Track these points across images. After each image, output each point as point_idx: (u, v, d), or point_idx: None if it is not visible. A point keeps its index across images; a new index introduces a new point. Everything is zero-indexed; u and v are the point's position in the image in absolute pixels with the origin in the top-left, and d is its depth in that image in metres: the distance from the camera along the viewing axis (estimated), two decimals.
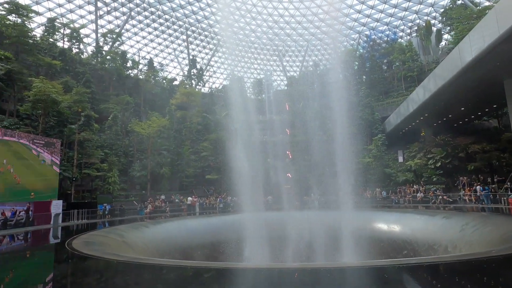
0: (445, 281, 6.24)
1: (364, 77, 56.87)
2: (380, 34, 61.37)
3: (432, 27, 49.52)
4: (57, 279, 8.20)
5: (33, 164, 23.16)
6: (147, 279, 7.19)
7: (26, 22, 37.80)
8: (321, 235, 18.42)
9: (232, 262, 13.45)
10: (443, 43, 51.23)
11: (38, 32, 44.82)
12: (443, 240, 14.94)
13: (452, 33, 45.27)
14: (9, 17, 36.77)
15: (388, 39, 60.21)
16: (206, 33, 65.73)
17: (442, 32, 49.95)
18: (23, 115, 30.87)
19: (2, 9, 37.98)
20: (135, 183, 36.84)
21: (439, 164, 31.99)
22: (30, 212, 22.35)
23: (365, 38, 62.11)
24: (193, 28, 64.42)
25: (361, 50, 61.67)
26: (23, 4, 39.55)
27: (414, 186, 31.94)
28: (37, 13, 46.09)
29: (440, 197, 25.73)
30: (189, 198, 29.71)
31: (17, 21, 36.50)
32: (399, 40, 58.95)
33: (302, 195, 37.58)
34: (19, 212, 21.67)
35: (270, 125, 58.44)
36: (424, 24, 50.93)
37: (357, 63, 58.32)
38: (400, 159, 39.72)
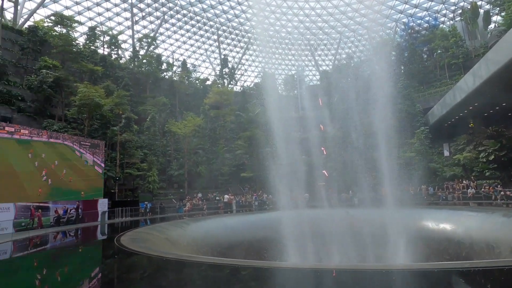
0: None
1: (402, 67, 53.92)
2: (419, 21, 57.72)
3: (479, 9, 45.60)
4: (107, 273, 8.42)
5: (77, 165, 24.53)
6: (189, 275, 7.16)
7: (70, 32, 40.25)
8: (364, 234, 17.57)
9: (274, 262, 13.20)
10: (492, 25, 46.99)
11: (81, 41, 47.69)
12: (505, 241, 13.52)
13: (503, 14, 41.36)
14: (55, 28, 39.42)
15: (428, 25, 56.45)
16: (236, 31, 65.99)
17: (491, 13, 45.81)
18: (70, 119, 32.91)
19: (49, 21, 40.82)
20: (173, 182, 37.91)
21: (492, 157, 29.35)
22: (80, 210, 23.72)
23: (403, 26, 58.71)
24: (224, 28, 64.97)
25: (398, 39, 58.45)
26: (67, 15, 42.25)
27: (464, 182, 29.62)
28: (80, 23, 48.91)
29: (502, 192, 23.45)
30: (226, 196, 29.95)
31: (62, 31, 38.97)
32: (441, 25, 55.03)
33: (339, 192, 36.44)
34: (70, 210, 23.07)
35: (303, 121, 57.52)
36: (469, 7, 47.06)
37: (394, 53, 55.41)
38: (446, 153, 37.09)
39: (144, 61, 50.31)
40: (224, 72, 61.23)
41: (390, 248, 15.90)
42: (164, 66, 54.57)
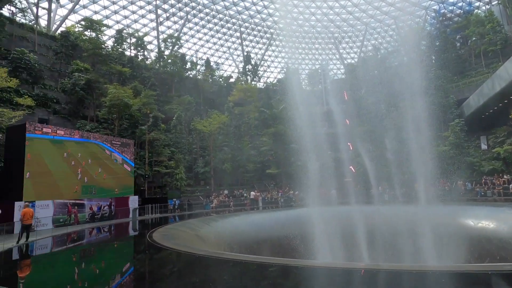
0: None
1: (433, 57, 51.29)
2: (451, 7, 54.57)
3: None
4: (140, 267, 8.56)
5: (107, 163, 25.48)
6: (220, 272, 7.09)
7: (99, 35, 41.73)
8: (398, 232, 16.84)
9: (306, 260, 12.95)
10: None
11: (109, 44, 49.37)
12: None
13: None
14: (86, 32, 41.03)
15: (462, 11, 53.24)
16: (259, 27, 65.67)
17: None
18: (101, 119, 34.21)
19: (80, 26, 42.55)
20: (199, 179, 38.46)
21: None
22: (112, 207, 24.60)
23: (434, 14, 55.77)
24: (246, 24, 64.84)
25: (429, 28, 55.63)
26: (96, 19, 43.83)
27: (505, 177, 27.73)
28: (108, 27, 50.61)
29: None
30: (252, 193, 29.94)
31: (92, 35, 40.48)
32: (476, 11, 51.70)
33: (367, 188, 35.39)
34: (104, 207, 23.99)
35: (328, 116, 56.37)
36: None
37: (424, 42, 52.81)
38: (484, 146, 34.92)
39: (169, 61, 51.26)
40: (247, 69, 61.19)
41: (425, 248, 15.12)
42: (188, 65, 55.37)
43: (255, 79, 62.20)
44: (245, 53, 63.99)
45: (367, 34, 66.52)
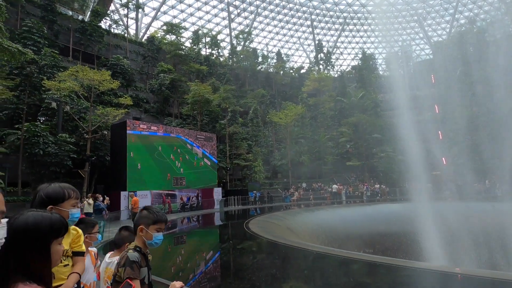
0: None
1: None
2: None
3: None
4: (244, 254, 8.28)
5: (189, 158, 26.79)
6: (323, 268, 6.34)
7: (178, 37, 44.49)
8: None
9: (416, 261, 11.35)
10: None
11: (186, 45, 52.45)
12: None
13: None
14: (167, 36, 44.15)
15: None
16: (331, 13, 62.50)
17: None
18: (184, 116, 36.40)
19: (162, 31, 46.00)
20: (276, 172, 38.29)
21: None
22: (200, 198, 25.81)
23: None
24: (318, 11, 62.29)
25: None
26: (175, 23, 46.84)
27: None
28: (185, 29, 53.78)
29: None
30: (335, 186, 28.45)
31: (172, 38, 43.34)
32: None
33: (470, 182, 30.69)
34: (192, 198, 25.33)
35: (414, 101, 50.80)
36: None
37: None
38: None
39: (242, 56, 52.17)
40: (319, 58, 58.84)
41: None
42: (259, 59, 55.63)
43: (328, 67, 59.45)
44: (317, 42, 61.56)
45: (459, 5, 57.81)
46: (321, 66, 59.29)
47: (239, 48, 55.50)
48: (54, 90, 19.44)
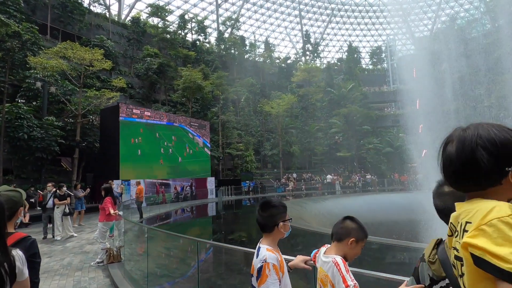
0: None
1: None
2: None
3: None
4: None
5: (190, 146, 25.92)
6: None
7: (164, 21, 42.39)
8: None
9: None
10: None
11: (172, 29, 50.17)
12: None
13: None
14: (152, 18, 41.93)
15: None
16: (319, 3, 62.10)
17: None
18: (171, 103, 34.91)
19: (146, 13, 43.62)
20: (267, 162, 37.88)
21: None
22: (193, 188, 24.90)
23: None
24: (306, 1, 61.70)
25: None
26: (160, 5, 44.50)
27: None
28: (170, 12, 51.37)
29: None
30: (329, 176, 28.50)
31: (157, 21, 41.24)
32: None
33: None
34: (186, 188, 24.38)
35: (394, 96, 52.07)
36: None
37: None
38: None
39: (229, 43, 50.75)
40: (306, 49, 58.56)
41: None
42: (247, 47, 54.44)
43: (315, 58, 59.39)
44: (304, 32, 61.17)
45: (442, 2, 59.44)
46: (307, 57, 59.12)
47: (226, 35, 53.94)
48: (39, 68, 17.63)
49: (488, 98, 33.16)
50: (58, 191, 9.76)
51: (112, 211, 5.92)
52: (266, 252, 1.75)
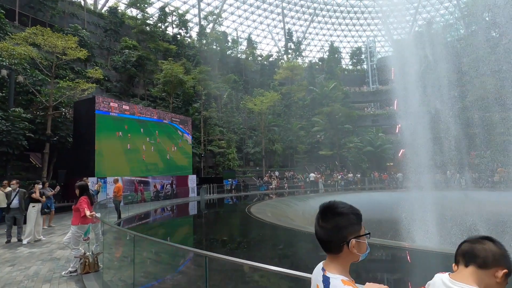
0: None
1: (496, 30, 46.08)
2: None
3: None
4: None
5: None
6: None
7: (143, 12, 40.70)
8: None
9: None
10: None
11: (151, 21, 48.33)
12: None
13: None
14: (131, 9, 40.14)
15: None
16: (302, 2, 62.10)
17: None
18: (150, 98, 33.55)
19: (124, 3, 41.71)
20: (249, 160, 37.33)
21: None
22: (174, 186, 23.94)
23: None
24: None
25: None
26: None
27: None
28: (150, 4, 49.49)
29: None
30: (312, 175, 28.34)
31: (135, 13, 39.54)
32: None
33: (431, 173, 32.78)
34: (166, 186, 23.38)
35: (374, 96, 53.08)
36: None
37: (486, 14, 47.45)
38: None
39: (212, 39, 49.66)
40: (289, 47, 58.42)
41: None
42: (229, 43, 53.53)
43: (297, 57, 59.38)
44: (287, 30, 60.99)
45: (419, 6, 61.18)
46: (290, 56, 59.00)
47: (208, 30, 52.73)
48: (5, 55, 16.09)
49: (463, 100, 34.35)
50: (42, 188, 9.26)
51: (88, 213, 5.13)
52: (342, 287, 1.13)
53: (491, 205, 16.71)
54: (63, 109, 20.17)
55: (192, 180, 26.02)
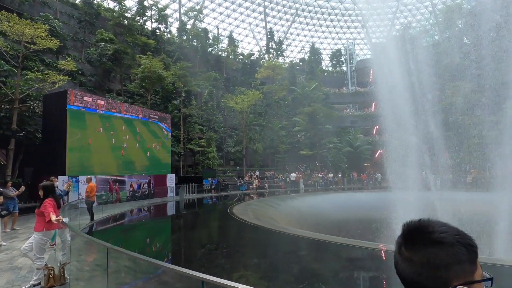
0: None
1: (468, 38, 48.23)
2: None
3: None
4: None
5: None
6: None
7: (121, 4, 39.08)
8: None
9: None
10: None
11: (128, 15, 46.57)
12: None
13: None
14: (107, 0, 38.44)
15: None
16: (284, 1, 62.15)
17: None
18: (127, 93, 32.25)
19: None
20: (229, 159, 36.80)
21: None
22: (151, 185, 23.06)
23: None
24: None
25: (469, 7, 52.05)
26: None
27: None
28: None
29: None
30: (293, 175, 28.27)
31: (112, 5, 37.93)
32: None
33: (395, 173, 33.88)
34: (143, 185, 22.46)
35: (353, 98, 54.03)
36: None
37: (460, 21, 49.55)
38: None
39: (192, 35, 48.62)
40: (270, 46, 58.30)
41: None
42: (210, 41, 52.65)
43: (278, 56, 59.39)
44: (269, 29, 60.86)
45: (397, 11, 62.93)
46: (271, 55, 58.92)
47: (188, 26, 51.59)
48: None
49: (437, 103, 35.43)
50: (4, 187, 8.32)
51: (54, 218, 4.51)
52: None
53: (466, 205, 17.15)
54: (31, 103, 18.84)
55: (170, 179, 25.18)
